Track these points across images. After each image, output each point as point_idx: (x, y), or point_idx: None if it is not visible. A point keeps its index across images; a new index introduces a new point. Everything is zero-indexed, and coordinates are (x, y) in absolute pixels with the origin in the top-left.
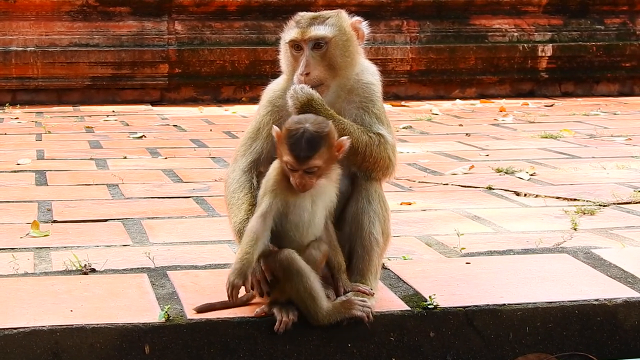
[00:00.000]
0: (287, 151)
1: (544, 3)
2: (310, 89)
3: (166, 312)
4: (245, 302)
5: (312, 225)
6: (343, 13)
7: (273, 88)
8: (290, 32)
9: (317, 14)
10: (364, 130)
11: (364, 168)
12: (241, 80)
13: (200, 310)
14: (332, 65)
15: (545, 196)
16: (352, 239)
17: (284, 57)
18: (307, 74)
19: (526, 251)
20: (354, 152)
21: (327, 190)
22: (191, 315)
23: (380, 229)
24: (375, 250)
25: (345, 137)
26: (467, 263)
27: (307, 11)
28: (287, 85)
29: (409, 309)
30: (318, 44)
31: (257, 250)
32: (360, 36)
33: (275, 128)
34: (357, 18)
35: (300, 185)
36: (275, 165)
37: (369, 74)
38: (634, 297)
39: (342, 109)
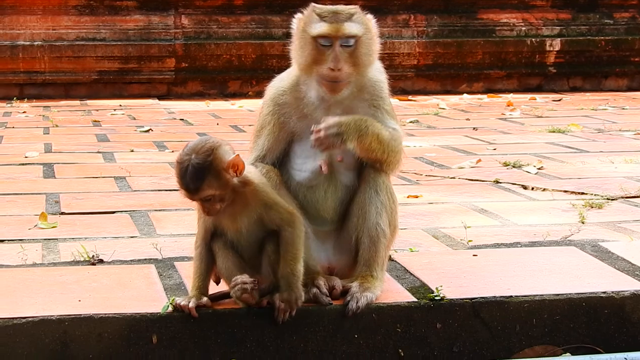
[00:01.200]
0: (177, 184)
1: None
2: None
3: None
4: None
5: (247, 235)
6: (360, 9)
7: (277, 85)
8: (318, 26)
9: (339, 8)
10: (384, 127)
11: (386, 162)
12: (248, 75)
13: (212, 298)
14: (357, 63)
15: (553, 190)
16: (359, 229)
17: (301, 49)
18: (339, 69)
19: (533, 244)
20: (382, 151)
21: (246, 206)
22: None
23: (387, 220)
24: (382, 241)
25: (235, 155)
26: (474, 255)
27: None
28: (297, 79)
29: (416, 300)
30: (348, 40)
31: (207, 276)
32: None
33: None
34: (369, 15)
35: (205, 212)
36: None
37: (377, 71)
38: None
39: (354, 106)
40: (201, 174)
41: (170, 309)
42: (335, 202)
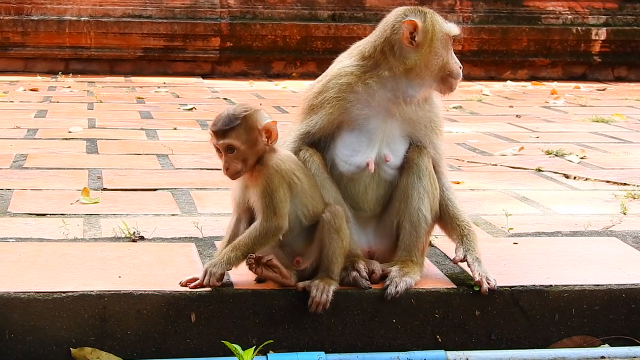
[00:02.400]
0: (209, 132)
1: None
2: None
3: None
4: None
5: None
6: None
7: (349, 71)
8: (452, 26)
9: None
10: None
11: None
12: (292, 56)
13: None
14: None
15: (595, 180)
16: (400, 214)
17: (440, 49)
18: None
19: (574, 233)
20: None
21: (257, 182)
22: (238, 285)
23: (429, 206)
24: (423, 226)
25: (272, 121)
26: (514, 243)
27: None
28: (376, 72)
29: (455, 286)
30: None
31: None
32: None
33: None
34: None
35: (226, 169)
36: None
37: None
38: None
39: (417, 112)
40: (233, 121)
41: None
42: (375, 197)
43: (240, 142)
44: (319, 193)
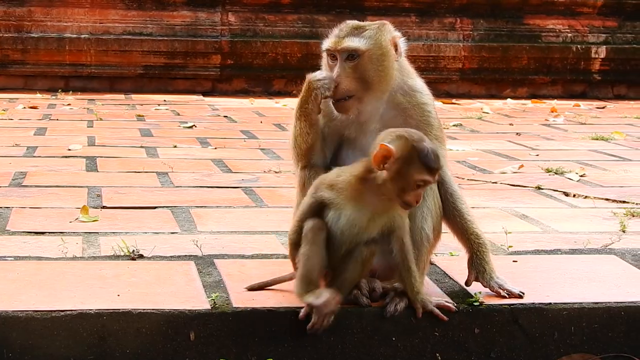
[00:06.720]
0: (422, 169)
1: (599, 4)
2: None
3: (213, 299)
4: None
5: (359, 237)
6: (386, 26)
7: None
8: (327, 41)
9: (359, 23)
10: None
11: None
12: (293, 73)
13: (252, 288)
14: (364, 79)
15: (595, 197)
16: None
17: (323, 63)
18: (336, 86)
19: (574, 251)
20: None
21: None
22: (237, 303)
23: (431, 225)
24: (425, 245)
25: None
26: (514, 261)
27: (360, 7)
28: None
29: (455, 305)
30: (351, 55)
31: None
32: (398, 52)
33: (389, 147)
34: (396, 33)
35: (417, 202)
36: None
37: (423, 94)
38: None
39: (394, 124)
40: (439, 155)
41: (208, 305)
42: None
43: None
44: None
